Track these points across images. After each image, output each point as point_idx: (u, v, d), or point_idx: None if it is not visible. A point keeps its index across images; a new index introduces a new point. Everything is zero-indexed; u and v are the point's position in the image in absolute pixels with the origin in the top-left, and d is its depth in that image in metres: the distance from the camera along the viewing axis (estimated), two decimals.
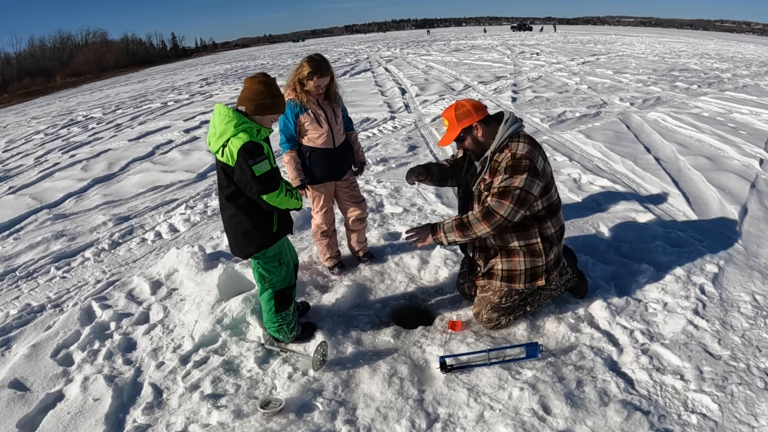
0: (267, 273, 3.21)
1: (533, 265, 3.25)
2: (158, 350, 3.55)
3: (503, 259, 3.28)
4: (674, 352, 3.08)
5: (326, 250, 4.34)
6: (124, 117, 15.75)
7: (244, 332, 3.58)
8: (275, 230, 3.11)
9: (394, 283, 4.08)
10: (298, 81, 3.76)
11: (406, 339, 3.38)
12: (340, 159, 4.01)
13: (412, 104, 12.87)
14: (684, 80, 14.67)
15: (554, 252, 3.30)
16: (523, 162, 3.02)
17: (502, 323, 3.34)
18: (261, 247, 3.11)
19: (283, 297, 3.28)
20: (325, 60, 3.75)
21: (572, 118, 9.91)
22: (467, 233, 3.08)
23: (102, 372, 3.35)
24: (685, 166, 6.58)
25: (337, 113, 3.93)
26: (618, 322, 3.38)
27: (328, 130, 3.85)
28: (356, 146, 4.17)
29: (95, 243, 5.64)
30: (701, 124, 8.73)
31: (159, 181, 7.78)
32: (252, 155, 2.82)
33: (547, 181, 3.13)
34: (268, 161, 2.90)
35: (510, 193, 2.99)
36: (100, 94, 28.38)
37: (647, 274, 3.85)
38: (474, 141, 3.20)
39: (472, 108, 3.17)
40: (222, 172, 3.00)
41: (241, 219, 3.05)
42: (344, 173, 4.12)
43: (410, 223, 5.21)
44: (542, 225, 3.21)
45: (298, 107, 3.78)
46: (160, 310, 4.03)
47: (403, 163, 7.58)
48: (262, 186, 2.88)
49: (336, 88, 3.91)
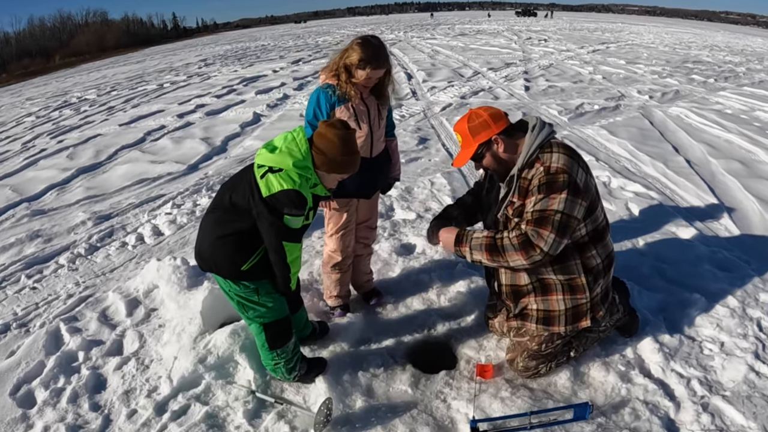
0: (245, 302, 2.66)
1: (575, 304, 2.66)
2: (131, 393, 3.02)
3: (538, 298, 2.68)
4: (737, 408, 2.56)
5: (335, 287, 3.47)
6: (118, 99, 15.18)
7: (231, 374, 3.03)
8: (245, 269, 2.55)
9: (409, 312, 3.50)
10: (344, 67, 2.90)
11: (426, 388, 2.83)
12: (376, 172, 3.19)
13: (420, 91, 12.24)
14: (699, 73, 14.08)
15: (601, 285, 2.71)
16: (559, 177, 2.42)
17: (541, 372, 2.78)
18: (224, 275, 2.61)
19: (276, 330, 2.72)
20: (383, 46, 2.90)
21: (591, 112, 9.32)
22: (497, 259, 2.49)
23: (65, 420, 2.84)
24: (718, 171, 6.05)
25: (382, 115, 3.11)
26: (673, 368, 2.83)
27: (368, 133, 3.03)
28: (395, 157, 3.38)
29: (72, 246, 5.10)
30: (727, 123, 8.22)
31: (146, 173, 7.21)
32: (292, 204, 2.41)
33: (591, 198, 2.53)
34: (301, 219, 2.49)
35: (549, 220, 2.39)
36: (97, 75, 27.66)
37: (699, 306, 3.30)
38: (495, 158, 2.61)
39: (490, 118, 2.58)
40: (247, 185, 2.49)
41: (227, 241, 2.54)
42: (376, 191, 3.33)
43: (424, 232, 4.57)
44: (585, 254, 2.61)
45: (335, 97, 2.94)
46: (135, 339, 3.49)
47: (414, 158, 6.98)
48: (287, 233, 2.48)
49: (391, 83, 3.08)
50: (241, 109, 11.37)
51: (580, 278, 2.61)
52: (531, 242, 2.41)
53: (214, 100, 12.87)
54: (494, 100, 10.77)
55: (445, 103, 10.57)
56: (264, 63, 21.76)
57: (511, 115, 9.07)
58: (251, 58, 25.17)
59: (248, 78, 16.61)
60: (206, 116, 10.97)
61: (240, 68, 20.32)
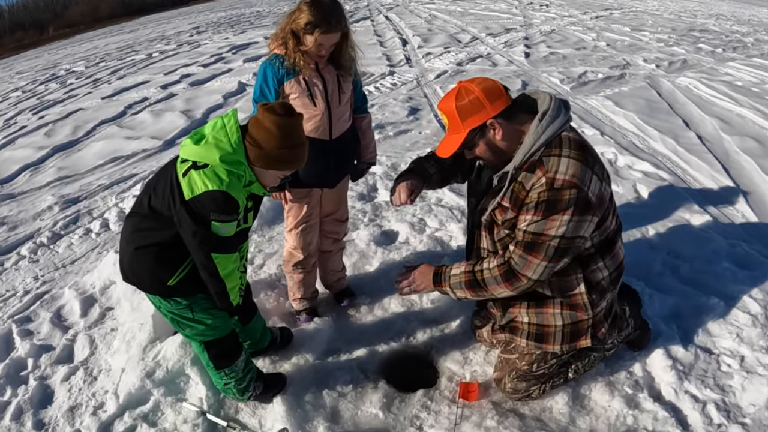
0: (180, 319, 2.27)
1: (574, 320, 2.22)
2: (76, 409, 2.72)
3: (530, 310, 2.26)
4: None
5: (298, 288, 3.07)
6: (106, 70, 14.58)
7: (183, 389, 2.67)
8: (171, 284, 2.14)
9: (385, 315, 3.10)
10: (291, 33, 2.43)
11: (400, 412, 2.46)
12: (338, 158, 2.71)
13: (414, 57, 11.66)
14: (707, 42, 13.39)
15: (606, 301, 2.28)
16: (565, 195, 1.92)
17: (533, 395, 2.39)
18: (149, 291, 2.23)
19: (220, 349, 2.34)
20: (338, 5, 2.44)
21: (595, 81, 8.80)
22: (481, 294, 2.13)
23: None
24: (732, 149, 5.58)
25: (344, 88, 2.60)
26: (686, 389, 2.45)
27: (324, 111, 2.56)
28: (367, 137, 2.87)
29: (35, 234, 4.78)
30: (738, 96, 7.69)
31: (121, 151, 6.80)
32: (219, 209, 1.97)
33: (604, 208, 2.06)
34: (234, 225, 2.06)
35: (542, 247, 1.98)
36: (88, 45, 26.82)
37: (716, 312, 2.88)
38: (490, 147, 2.09)
39: (483, 95, 2.00)
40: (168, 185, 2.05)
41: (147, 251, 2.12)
42: (341, 179, 2.85)
43: (409, 218, 4.19)
44: (589, 268, 2.17)
45: (284, 69, 2.50)
46: (86, 344, 3.15)
47: (403, 131, 6.49)
48: (217, 243, 2.04)
49: (350, 51, 2.58)
50: (226, 79, 10.81)
51: (581, 296, 2.19)
52: (514, 272, 2.04)
53: (200, 70, 12.28)
54: (492, 67, 10.21)
55: (441, 70, 10.01)
56: (257, 30, 20.95)
57: (510, 83, 8.59)
58: (244, 24, 24.31)
59: (238, 45, 15.95)
60: (190, 87, 10.44)
61: (232, 35, 19.61)
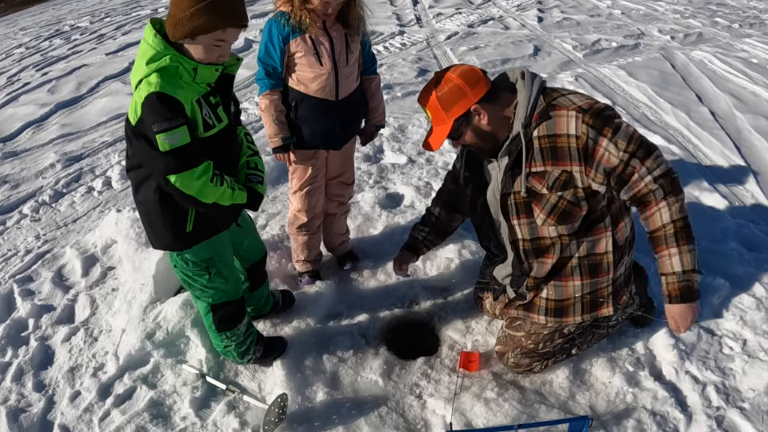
0: (192, 281, 2.22)
1: (594, 288, 2.17)
2: (76, 370, 2.73)
3: (551, 284, 2.21)
4: (755, 426, 2.17)
5: (302, 250, 3.02)
6: (111, 26, 14.35)
7: (182, 351, 2.68)
8: (190, 230, 2.03)
9: (388, 281, 3.06)
10: None
11: (400, 379, 2.46)
12: (345, 119, 2.63)
13: (425, 17, 11.40)
14: (723, 16, 13.00)
15: (625, 264, 2.24)
16: (607, 111, 1.91)
17: (534, 370, 2.38)
18: (168, 247, 2.12)
19: (225, 312, 2.31)
20: None
21: (609, 49, 8.61)
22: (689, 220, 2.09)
23: (8, 402, 2.58)
24: (744, 127, 5.45)
25: (351, 48, 2.51)
26: (687, 369, 2.42)
27: (330, 71, 2.46)
28: (376, 99, 2.79)
29: (37, 193, 4.75)
30: (753, 73, 7.49)
31: (124, 107, 6.62)
32: (159, 116, 1.74)
33: None
34: (185, 130, 1.79)
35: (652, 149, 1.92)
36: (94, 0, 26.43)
37: (722, 293, 2.83)
38: (478, 134, 2.04)
39: (463, 81, 1.97)
40: (125, 131, 1.93)
41: (147, 202, 2.01)
42: (348, 140, 2.78)
43: (415, 180, 4.08)
44: (618, 225, 2.12)
45: (289, 27, 2.38)
46: (87, 304, 3.15)
47: (411, 92, 6.33)
48: (166, 163, 1.80)
49: (359, 10, 2.46)
50: None
51: (606, 256, 2.12)
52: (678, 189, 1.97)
53: None
54: (504, 30, 10.00)
55: (451, 31, 9.81)
56: None
57: (522, 48, 8.44)
58: None
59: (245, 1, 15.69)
60: None
61: None
